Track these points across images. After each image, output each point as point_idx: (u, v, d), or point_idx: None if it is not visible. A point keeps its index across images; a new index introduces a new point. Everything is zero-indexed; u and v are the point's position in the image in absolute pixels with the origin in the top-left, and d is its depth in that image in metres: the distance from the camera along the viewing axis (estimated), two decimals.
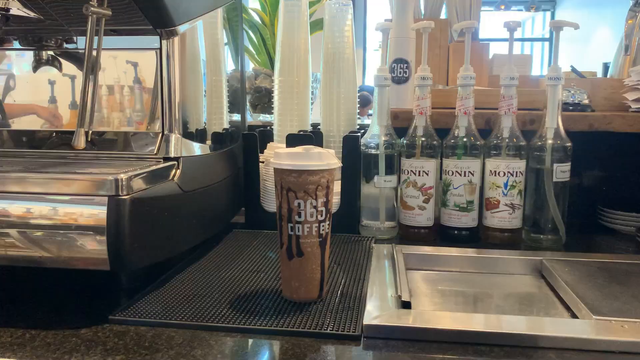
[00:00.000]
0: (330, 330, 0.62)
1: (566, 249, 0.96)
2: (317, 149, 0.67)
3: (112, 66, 0.84)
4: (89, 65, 0.69)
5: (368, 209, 1.03)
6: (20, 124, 0.87)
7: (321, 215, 0.68)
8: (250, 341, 0.61)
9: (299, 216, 0.67)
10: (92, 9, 0.67)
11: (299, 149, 0.67)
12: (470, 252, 0.90)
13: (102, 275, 0.72)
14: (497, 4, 7.47)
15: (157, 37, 0.80)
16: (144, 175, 0.70)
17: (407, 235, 1.02)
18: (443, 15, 1.36)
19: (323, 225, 0.68)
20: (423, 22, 0.99)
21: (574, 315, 0.70)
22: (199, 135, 0.90)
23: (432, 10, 1.27)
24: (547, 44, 7.93)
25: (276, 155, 0.68)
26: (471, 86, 0.98)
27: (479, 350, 0.59)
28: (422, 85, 1.00)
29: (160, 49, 0.80)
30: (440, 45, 1.23)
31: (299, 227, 0.67)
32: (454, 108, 0.99)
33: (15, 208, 0.65)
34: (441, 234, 1.02)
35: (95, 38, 0.70)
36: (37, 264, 0.65)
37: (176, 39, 0.80)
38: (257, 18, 1.43)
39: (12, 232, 0.65)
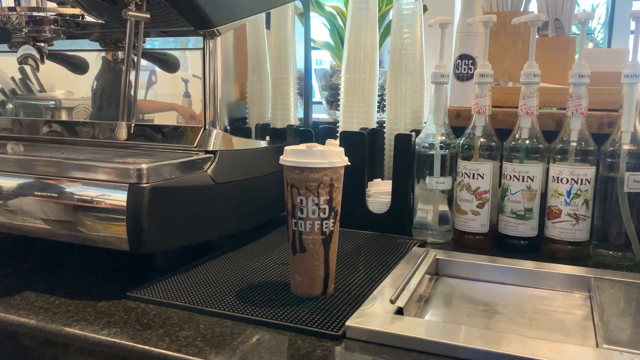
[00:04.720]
0: (314, 327, 0.62)
1: (638, 269, 0.84)
2: (320, 147, 0.68)
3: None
4: (129, 64, 0.76)
5: (421, 211, 1.00)
6: (93, 117, 0.98)
7: (324, 213, 0.68)
8: (235, 328, 0.63)
9: (301, 212, 0.68)
10: (129, 13, 0.74)
11: (302, 146, 0.68)
12: (511, 263, 0.84)
13: (141, 257, 0.80)
14: None
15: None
16: (171, 165, 0.76)
17: (461, 240, 0.97)
18: (534, 9, 1.26)
19: (326, 223, 0.69)
20: (484, 16, 0.93)
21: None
22: (245, 130, 0.94)
23: (517, 2, 1.18)
24: None
25: (284, 152, 0.69)
26: (535, 84, 0.90)
27: None
28: (482, 83, 0.94)
29: (204, 48, 0.85)
30: (524, 40, 1.14)
31: (301, 223, 0.68)
32: None
33: (56, 189, 0.74)
34: (497, 242, 0.96)
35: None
36: (72, 240, 0.74)
37: (219, 39, 0.85)
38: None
39: (52, 209, 0.74)
